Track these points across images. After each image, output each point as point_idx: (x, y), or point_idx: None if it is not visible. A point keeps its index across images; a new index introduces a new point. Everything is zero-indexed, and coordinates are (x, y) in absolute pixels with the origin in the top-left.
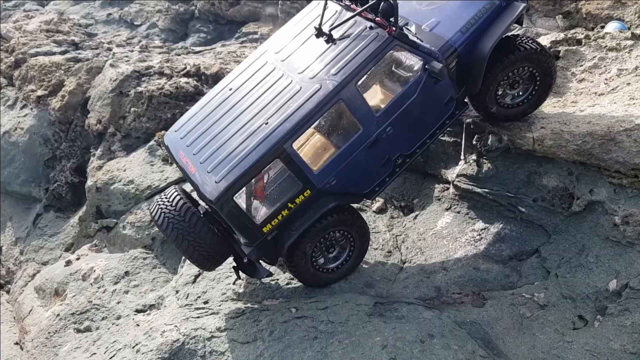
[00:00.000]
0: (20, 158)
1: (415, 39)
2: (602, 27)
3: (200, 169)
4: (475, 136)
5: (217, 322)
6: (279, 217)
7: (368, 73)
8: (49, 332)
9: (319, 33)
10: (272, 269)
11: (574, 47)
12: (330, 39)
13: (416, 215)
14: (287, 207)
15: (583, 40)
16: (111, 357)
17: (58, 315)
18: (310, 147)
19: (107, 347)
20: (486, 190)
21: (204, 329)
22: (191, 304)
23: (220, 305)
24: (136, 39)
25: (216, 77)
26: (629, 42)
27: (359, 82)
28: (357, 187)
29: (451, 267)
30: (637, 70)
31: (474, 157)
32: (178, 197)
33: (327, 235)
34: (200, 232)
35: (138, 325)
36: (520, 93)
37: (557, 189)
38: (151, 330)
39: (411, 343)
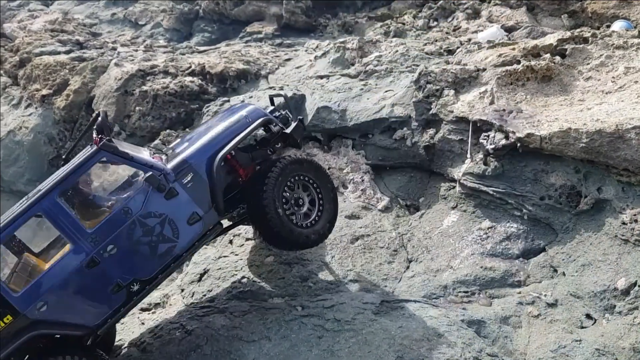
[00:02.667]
0: (25, 157)
1: (130, 152)
2: (608, 27)
3: None
4: (482, 134)
5: (223, 320)
6: None
7: (73, 184)
8: None
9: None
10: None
11: (581, 46)
12: (65, 162)
13: (422, 214)
14: None
15: (590, 38)
16: (116, 356)
17: None
18: (20, 271)
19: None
20: (493, 188)
21: (209, 327)
22: (197, 303)
23: (226, 304)
24: (140, 38)
25: (221, 76)
26: (636, 41)
27: (63, 194)
28: (79, 316)
29: (458, 265)
30: None
31: (480, 155)
32: None
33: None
34: None
35: (143, 323)
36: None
37: (564, 187)
38: (157, 329)
39: (418, 341)
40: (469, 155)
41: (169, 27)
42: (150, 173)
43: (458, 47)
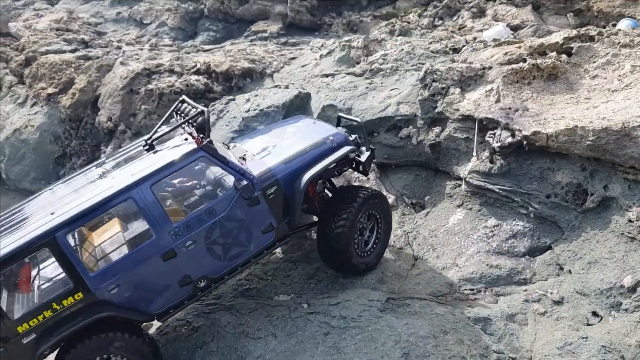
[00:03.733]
0: (31, 155)
1: (226, 156)
2: (614, 25)
3: None
4: (488, 132)
5: (229, 317)
6: (40, 317)
7: (167, 177)
8: None
9: (144, 145)
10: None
11: (587, 44)
12: (150, 148)
13: (427, 212)
14: (51, 308)
15: (596, 36)
16: None
17: None
18: (96, 251)
19: None
20: (499, 186)
21: (216, 324)
22: (203, 300)
23: (232, 301)
24: (145, 37)
25: (226, 75)
26: None
27: (156, 185)
28: (145, 303)
29: (463, 263)
30: None
31: (486, 153)
32: None
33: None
34: None
35: None
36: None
37: (570, 185)
38: (163, 326)
39: (424, 338)
40: (474, 154)
41: (174, 26)
42: (246, 183)
43: (464, 46)
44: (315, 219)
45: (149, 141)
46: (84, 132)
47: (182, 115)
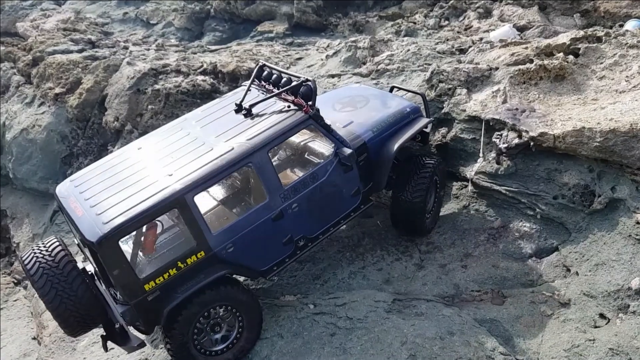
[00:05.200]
0: (38, 155)
1: (329, 125)
2: (621, 26)
3: (89, 212)
4: (495, 133)
5: None
6: (166, 275)
7: (281, 144)
8: None
9: (239, 109)
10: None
11: (594, 45)
12: (248, 113)
13: None
14: (176, 267)
15: (603, 37)
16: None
17: None
18: (214, 213)
19: None
20: (506, 187)
21: None
22: None
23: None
24: (152, 37)
25: (232, 75)
26: None
27: (271, 151)
28: (255, 261)
29: (470, 264)
30: None
31: (493, 154)
32: (57, 244)
33: (211, 310)
34: (72, 283)
35: None
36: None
37: (578, 187)
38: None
39: (431, 340)
40: (481, 154)
41: (180, 27)
42: (351, 151)
43: (470, 46)
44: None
45: (245, 105)
46: (91, 132)
47: (270, 82)
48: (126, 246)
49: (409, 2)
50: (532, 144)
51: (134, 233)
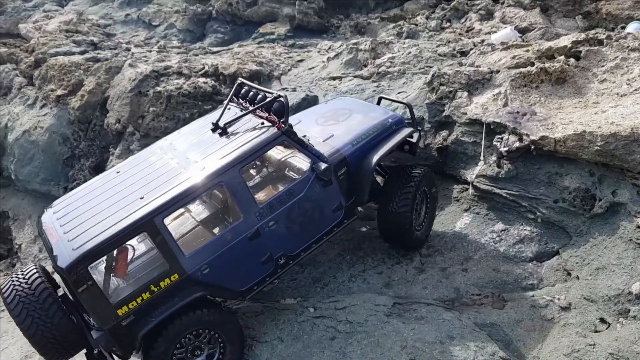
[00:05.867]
0: (40, 157)
1: (303, 140)
2: (623, 28)
3: (62, 238)
4: (496, 136)
5: None
6: (139, 299)
7: (262, 161)
8: None
9: (215, 128)
10: None
11: (596, 48)
12: (223, 132)
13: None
14: (149, 290)
15: (605, 40)
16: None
17: None
18: (193, 234)
19: None
20: (506, 191)
21: None
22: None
23: (238, 304)
24: (154, 39)
25: (234, 77)
26: None
27: (245, 169)
28: (234, 281)
29: (470, 268)
30: None
31: (493, 157)
32: (34, 272)
33: (192, 334)
34: (48, 310)
35: None
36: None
37: (578, 191)
38: None
39: (431, 344)
40: (482, 158)
41: (182, 28)
42: (327, 166)
43: (471, 49)
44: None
45: (221, 125)
46: (93, 134)
47: (246, 100)
48: (97, 272)
49: (411, 4)
50: (532, 147)
51: (105, 258)
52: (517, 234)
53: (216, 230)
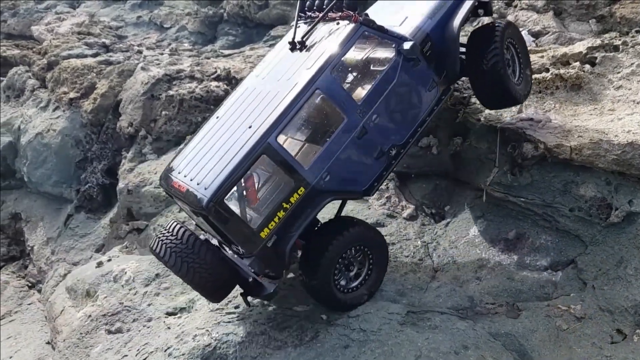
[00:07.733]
0: (52, 159)
1: (383, 26)
2: (638, 32)
3: (189, 185)
4: (510, 143)
5: (249, 327)
6: (276, 219)
7: (345, 63)
8: (81, 333)
9: (293, 46)
10: None
11: (611, 54)
12: (302, 47)
13: (448, 223)
14: (282, 208)
15: (620, 46)
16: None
17: (89, 316)
18: (303, 152)
19: (138, 350)
20: (521, 198)
21: (235, 333)
22: (222, 309)
23: (251, 310)
24: (166, 41)
25: None
26: None
27: (334, 70)
28: (354, 183)
29: (485, 276)
30: None
31: (508, 164)
32: (177, 225)
33: (345, 254)
34: (200, 253)
35: (169, 328)
36: None
37: (594, 199)
38: (183, 334)
39: (445, 354)
40: (496, 165)
41: (193, 30)
42: (413, 43)
43: None
44: None
45: (298, 40)
46: (105, 137)
47: (314, 10)
48: (233, 204)
49: None
50: (548, 155)
51: (235, 189)
52: (531, 243)
53: (325, 142)
